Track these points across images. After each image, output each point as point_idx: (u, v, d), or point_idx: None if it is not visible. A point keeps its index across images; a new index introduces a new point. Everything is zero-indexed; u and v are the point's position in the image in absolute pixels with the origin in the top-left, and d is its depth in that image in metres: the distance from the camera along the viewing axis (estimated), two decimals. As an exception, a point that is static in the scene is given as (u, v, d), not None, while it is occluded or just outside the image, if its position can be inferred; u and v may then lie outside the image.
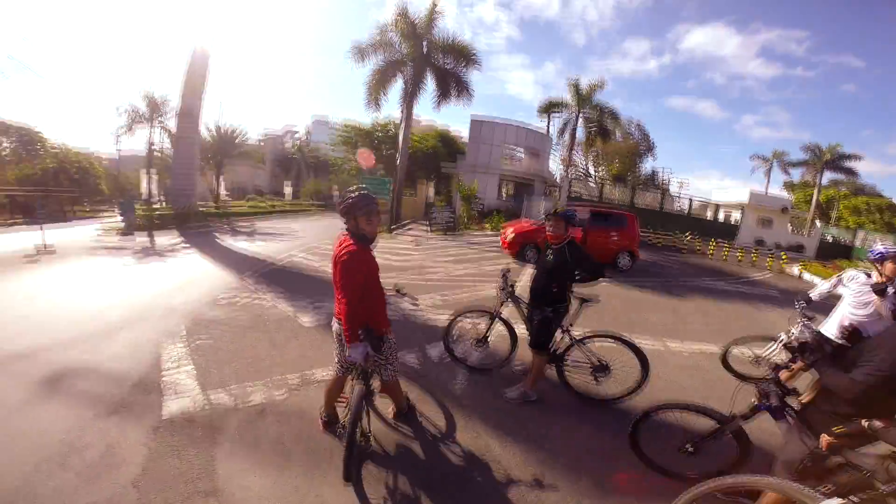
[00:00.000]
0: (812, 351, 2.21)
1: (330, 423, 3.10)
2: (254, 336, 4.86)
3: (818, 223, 27.56)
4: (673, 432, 2.88)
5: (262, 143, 49.57)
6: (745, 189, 26.44)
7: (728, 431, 2.58)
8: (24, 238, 10.44)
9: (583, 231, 10.66)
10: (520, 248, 11.03)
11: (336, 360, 2.91)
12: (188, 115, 16.72)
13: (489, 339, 4.24)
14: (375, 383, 2.98)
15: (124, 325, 4.93)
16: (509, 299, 4.03)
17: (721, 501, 2.42)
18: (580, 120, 26.68)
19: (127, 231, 12.80)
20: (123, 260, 8.80)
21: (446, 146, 30.47)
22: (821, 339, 3.48)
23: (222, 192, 30.01)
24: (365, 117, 32.94)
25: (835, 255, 21.56)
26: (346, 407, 2.69)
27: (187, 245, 11.13)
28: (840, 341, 3.33)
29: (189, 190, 17.26)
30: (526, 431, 3.36)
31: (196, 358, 4.16)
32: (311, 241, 13.38)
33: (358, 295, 2.52)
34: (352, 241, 2.56)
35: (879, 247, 3.30)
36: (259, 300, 6.30)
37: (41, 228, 10.03)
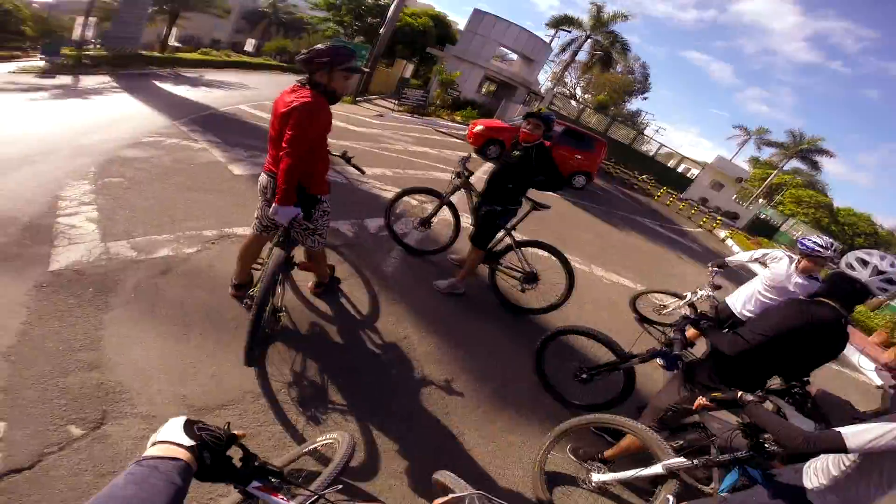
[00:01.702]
0: (705, 320, 2.23)
1: (240, 289, 2.79)
2: (175, 180, 4.32)
3: (761, 201, 29.40)
4: (574, 357, 2.98)
5: (230, -5, 42.41)
6: (714, 152, 27.37)
7: (622, 368, 2.63)
8: None
9: (551, 144, 10.59)
10: (484, 143, 10.98)
11: (256, 216, 2.59)
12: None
13: (432, 223, 4.14)
14: (298, 252, 2.73)
15: (23, 162, 4.10)
16: (463, 186, 3.86)
17: (591, 434, 2.66)
18: (588, 43, 25.86)
19: (48, 72, 10.37)
20: (34, 95, 7.26)
21: (439, 30, 27.56)
22: (722, 309, 3.51)
23: (172, 41, 26.10)
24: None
25: (761, 232, 23.45)
26: (261, 273, 2.41)
27: (117, 86, 9.43)
28: (745, 315, 3.29)
29: (133, 36, 15.11)
30: (446, 327, 3.37)
31: (101, 200, 3.59)
32: (265, 95, 11.90)
33: (305, 149, 2.22)
34: (311, 92, 2.22)
35: (811, 242, 3.14)
36: (189, 144, 5.63)
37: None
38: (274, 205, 2.24)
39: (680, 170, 27.56)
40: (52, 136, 5.03)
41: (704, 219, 17.00)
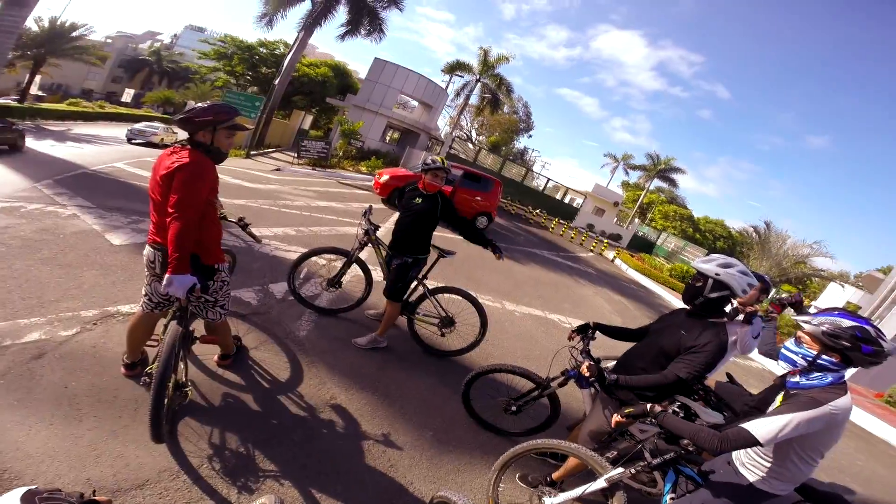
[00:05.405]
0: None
1: (134, 368, 2.54)
2: (41, 254, 3.79)
3: (637, 220, 33.98)
4: (501, 391, 3.09)
5: (108, 41, 39.17)
6: (591, 181, 31.13)
7: (544, 394, 2.75)
8: None
9: (453, 188, 11.28)
10: (391, 193, 11.14)
11: (144, 293, 2.37)
12: (18, 4, 12.43)
13: (342, 282, 4.08)
14: (196, 325, 2.53)
15: None
16: (369, 241, 3.87)
17: (534, 459, 2.78)
18: (479, 86, 28.23)
19: None
20: None
21: (339, 80, 27.95)
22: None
23: (35, 90, 23.50)
24: (252, 36, 28.96)
25: (641, 248, 27.05)
26: (157, 350, 2.20)
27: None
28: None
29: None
30: (374, 382, 3.32)
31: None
32: (147, 151, 10.95)
33: (197, 213, 2.09)
34: (193, 152, 2.13)
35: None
36: (55, 210, 4.98)
37: None
38: (167, 276, 2.03)
39: (566, 200, 30.83)
40: None
41: (594, 244, 19.03)
